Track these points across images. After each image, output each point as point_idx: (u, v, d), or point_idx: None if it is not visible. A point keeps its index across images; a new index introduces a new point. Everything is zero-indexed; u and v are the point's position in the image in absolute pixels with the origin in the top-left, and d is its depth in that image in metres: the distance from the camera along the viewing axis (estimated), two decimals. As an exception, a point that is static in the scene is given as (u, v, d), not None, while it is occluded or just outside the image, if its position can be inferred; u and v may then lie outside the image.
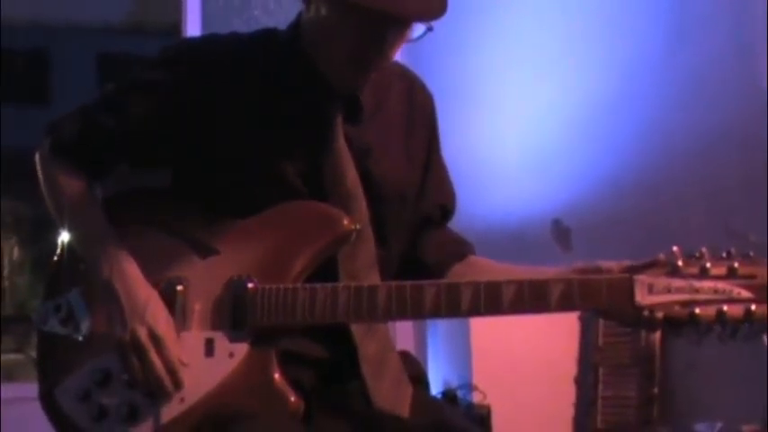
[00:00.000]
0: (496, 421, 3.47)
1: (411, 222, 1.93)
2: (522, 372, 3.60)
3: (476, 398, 3.58)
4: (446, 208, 2.00)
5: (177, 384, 1.69)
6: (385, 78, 1.88)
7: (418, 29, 1.71)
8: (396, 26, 1.68)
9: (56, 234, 1.94)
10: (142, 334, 1.68)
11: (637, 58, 3.70)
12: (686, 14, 3.51)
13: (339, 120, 1.79)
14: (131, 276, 1.74)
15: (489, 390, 3.57)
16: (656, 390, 3.47)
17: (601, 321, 3.64)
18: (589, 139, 3.88)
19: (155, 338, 1.68)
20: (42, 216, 1.91)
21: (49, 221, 1.94)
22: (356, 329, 1.77)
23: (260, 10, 4.36)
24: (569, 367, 3.74)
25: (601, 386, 3.61)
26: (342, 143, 1.79)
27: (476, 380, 3.62)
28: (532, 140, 4.11)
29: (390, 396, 1.77)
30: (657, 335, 3.50)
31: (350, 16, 1.66)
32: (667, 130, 3.55)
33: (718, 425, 3.18)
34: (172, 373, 1.69)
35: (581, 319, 3.71)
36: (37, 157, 1.91)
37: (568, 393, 3.72)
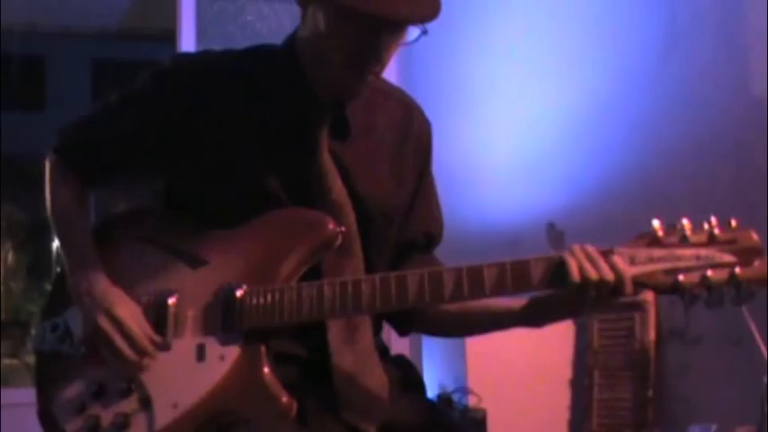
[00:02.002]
0: (492, 425, 3.47)
1: (394, 245, 1.94)
2: (518, 375, 3.61)
3: (471, 401, 3.59)
4: (431, 236, 2.00)
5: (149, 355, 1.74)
6: (379, 99, 1.91)
7: (413, 32, 1.73)
8: (390, 30, 1.70)
9: (51, 240, 1.98)
10: (102, 321, 1.74)
11: (629, 62, 3.72)
12: (678, 19, 3.53)
13: (324, 134, 1.81)
14: (92, 279, 1.80)
15: (485, 393, 3.57)
16: (650, 392, 3.47)
17: (595, 325, 3.65)
18: (583, 143, 3.89)
19: (114, 321, 1.73)
20: (38, 221, 1.95)
21: (45, 227, 1.99)
22: (332, 338, 1.78)
23: (254, 16, 4.35)
24: (564, 370, 3.74)
25: (596, 389, 3.62)
26: (326, 157, 1.81)
27: (471, 383, 3.62)
28: (527, 144, 4.12)
29: (358, 411, 1.78)
30: (652, 338, 3.51)
31: (345, 22, 1.68)
32: (660, 134, 3.57)
33: (713, 427, 3.18)
34: (139, 349, 1.73)
35: (576, 322, 3.72)
36: (47, 160, 1.97)
37: (564, 396, 3.73)
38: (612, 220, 3.64)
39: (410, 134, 1.96)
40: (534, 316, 1.81)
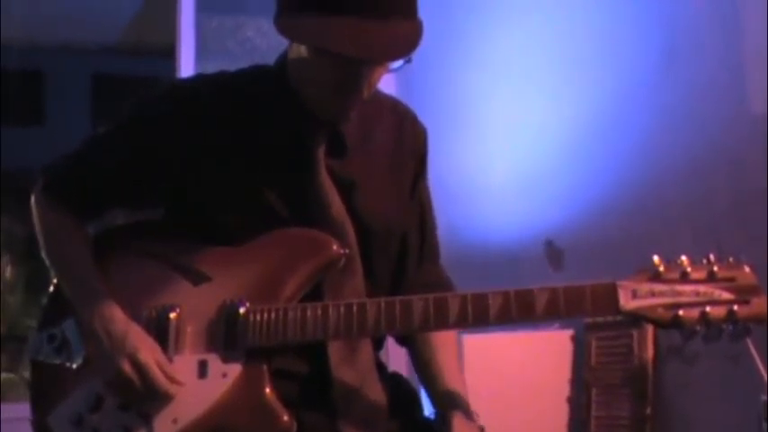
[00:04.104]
0: (489, 442, 3.46)
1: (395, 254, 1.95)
2: (515, 392, 3.60)
3: (469, 418, 3.57)
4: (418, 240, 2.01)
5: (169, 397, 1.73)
6: (374, 111, 1.91)
7: (397, 61, 1.73)
8: (367, 65, 1.70)
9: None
10: (125, 366, 1.71)
11: (628, 79, 3.72)
12: (677, 36, 3.53)
13: (321, 152, 1.81)
14: (108, 316, 1.77)
15: (482, 410, 3.55)
16: (648, 410, 3.46)
17: (593, 342, 3.64)
18: (581, 161, 3.89)
19: (137, 366, 1.71)
20: (36, 235, 1.94)
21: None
22: (333, 354, 1.79)
23: (254, 32, 4.37)
24: (562, 387, 3.74)
25: (593, 406, 3.61)
26: (324, 175, 1.81)
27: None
28: (525, 161, 4.12)
29: (357, 425, 1.78)
30: (650, 355, 3.51)
31: (323, 57, 1.69)
32: (658, 151, 3.57)
33: (711, 445, 3.18)
34: (161, 396, 1.72)
35: (574, 339, 3.72)
36: (32, 198, 1.94)
37: (561, 413, 3.72)
38: (611, 237, 3.64)
39: (405, 141, 1.97)
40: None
